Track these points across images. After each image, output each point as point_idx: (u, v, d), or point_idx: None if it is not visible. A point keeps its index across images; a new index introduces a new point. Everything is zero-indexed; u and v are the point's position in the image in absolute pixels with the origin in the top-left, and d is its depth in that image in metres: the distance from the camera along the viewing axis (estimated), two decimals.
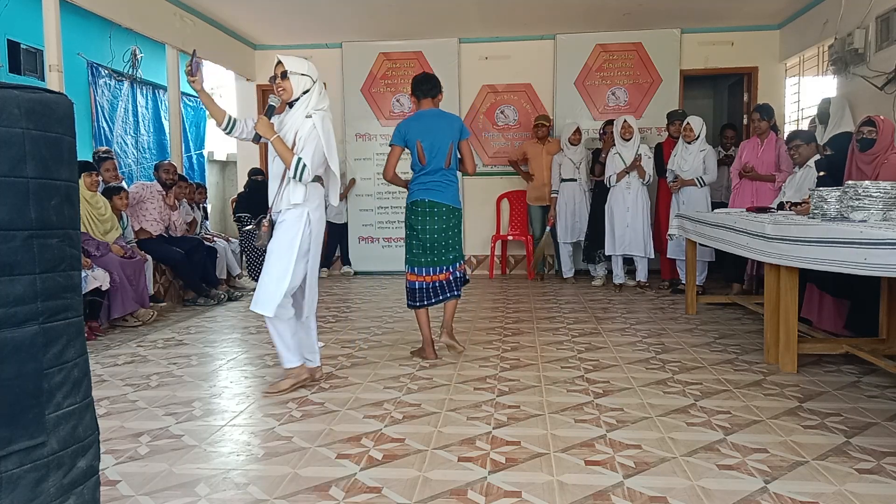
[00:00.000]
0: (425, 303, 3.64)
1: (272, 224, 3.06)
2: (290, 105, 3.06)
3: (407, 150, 3.68)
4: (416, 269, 3.66)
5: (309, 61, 3.08)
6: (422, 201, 3.63)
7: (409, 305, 3.71)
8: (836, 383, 3.13)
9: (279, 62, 2.99)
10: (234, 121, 3.08)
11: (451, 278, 3.67)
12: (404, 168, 3.71)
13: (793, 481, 2.09)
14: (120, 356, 3.91)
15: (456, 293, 3.70)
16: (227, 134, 3.07)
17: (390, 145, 3.67)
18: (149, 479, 2.18)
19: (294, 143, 2.97)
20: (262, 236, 3.04)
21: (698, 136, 5.60)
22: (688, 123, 5.69)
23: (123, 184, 5.42)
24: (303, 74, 2.99)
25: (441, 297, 3.66)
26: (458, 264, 3.72)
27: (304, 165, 2.92)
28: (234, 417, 2.80)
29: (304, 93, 3.00)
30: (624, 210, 5.94)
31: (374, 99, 7.57)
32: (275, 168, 3.07)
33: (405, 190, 3.84)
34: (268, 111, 2.99)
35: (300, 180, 2.95)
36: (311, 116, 2.98)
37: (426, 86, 3.67)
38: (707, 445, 2.39)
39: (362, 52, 7.51)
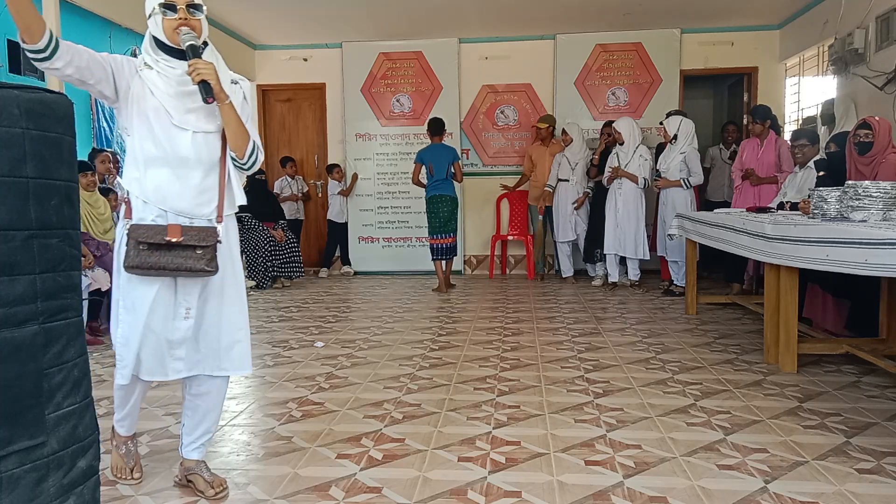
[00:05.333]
0: (438, 257, 6.19)
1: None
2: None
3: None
4: (434, 235, 6.14)
5: None
6: (434, 196, 6.07)
7: (432, 259, 6.26)
8: (836, 383, 3.13)
9: None
10: (57, 43, 1.74)
11: (449, 245, 6.16)
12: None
13: (793, 481, 2.09)
14: None
15: (452, 256, 6.26)
16: (42, 61, 1.73)
17: (415, 162, 6.16)
18: (149, 480, 2.18)
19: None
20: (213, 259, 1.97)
21: (675, 137, 5.60)
22: (661, 124, 5.72)
23: (119, 179, 5.40)
24: (206, 17, 2.02)
25: (444, 256, 6.19)
26: (452, 235, 6.15)
27: (260, 150, 2.09)
28: (234, 417, 2.80)
29: (204, 44, 1.99)
30: (614, 211, 5.97)
31: (374, 99, 7.56)
32: (200, 151, 1.97)
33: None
34: (192, 51, 1.90)
35: (249, 170, 2.10)
36: (237, 83, 2.08)
37: (436, 127, 6.11)
38: (707, 445, 2.39)
39: (362, 52, 7.50)
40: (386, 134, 7.59)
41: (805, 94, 6.69)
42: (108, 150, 5.52)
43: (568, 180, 6.51)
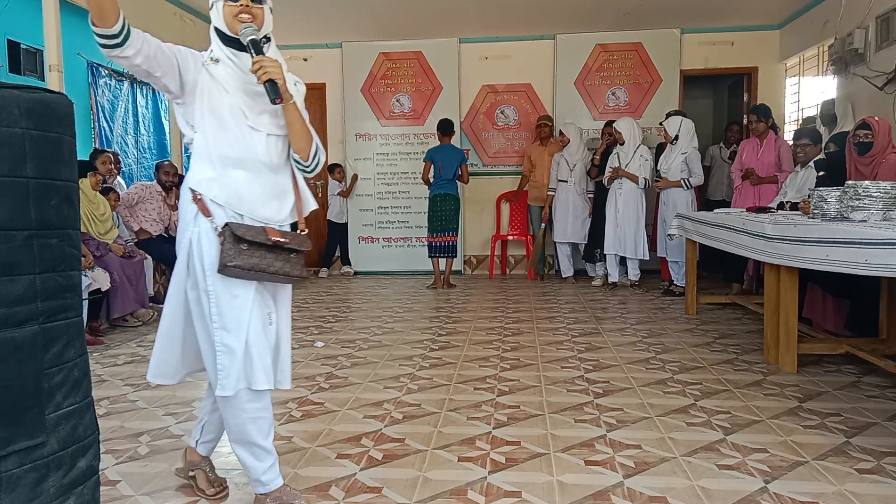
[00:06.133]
0: (435, 254, 6.42)
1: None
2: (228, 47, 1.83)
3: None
4: (433, 233, 6.33)
5: None
6: (437, 194, 6.29)
7: (429, 256, 6.51)
8: (836, 383, 3.13)
9: None
10: (130, 29, 1.63)
11: (447, 243, 6.34)
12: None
13: (793, 481, 2.09)
14: (120, 356, 3.91)
15: (451, 255, 6.42)
16: (113, 48, 1.61)
17: (424, 161, 6.32)
18: (149, 479, 2.18)
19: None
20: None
21: (676, 138, 5.61)
22: (661, 124, 5.73)
23: (119, 179, 5.42)
24: (271, 10, 1.91)
25: (441, 254, 6.39)
26: (451, 234, 6.32)
27: (322, 151, 1.97)
28: None
29: (266, 40, 1.87)
30: (614, 211, 5.98)
31: (374, 99, 7.56)
32: (272, 153, 1.88)
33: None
34: (254, 47, 1.78)
35: (312, 173, 1.98)
36: (296, 84, 1.96)
37: (447, 128, 6.33)
38: (707, 445, 2.39)
39: (362, 52, 7.51)
40: (386, 134, 7.59)
41: (805, 94, 6.69)
42: (109, 150, 5.52)
43: (567, 181, 6.51)
